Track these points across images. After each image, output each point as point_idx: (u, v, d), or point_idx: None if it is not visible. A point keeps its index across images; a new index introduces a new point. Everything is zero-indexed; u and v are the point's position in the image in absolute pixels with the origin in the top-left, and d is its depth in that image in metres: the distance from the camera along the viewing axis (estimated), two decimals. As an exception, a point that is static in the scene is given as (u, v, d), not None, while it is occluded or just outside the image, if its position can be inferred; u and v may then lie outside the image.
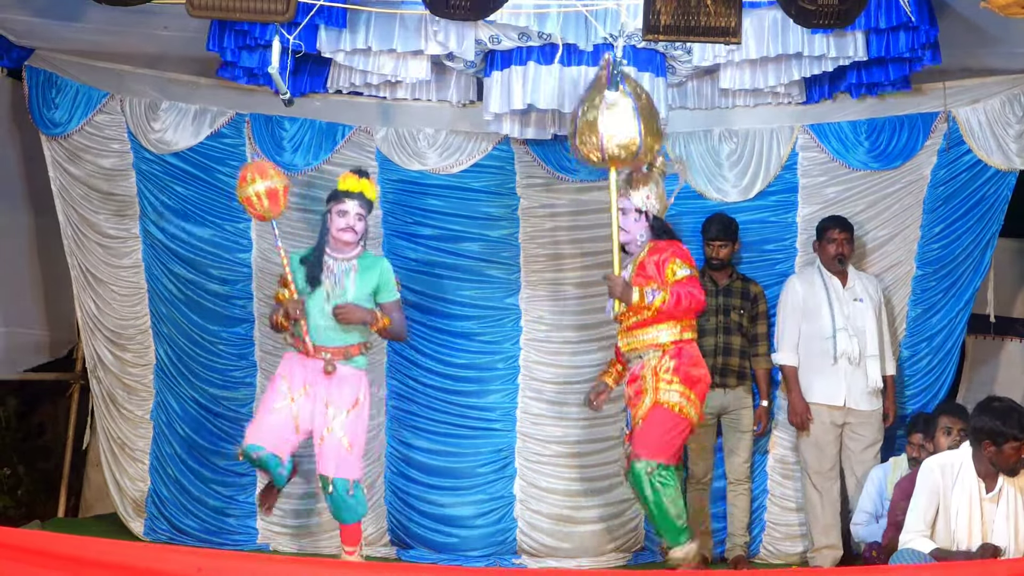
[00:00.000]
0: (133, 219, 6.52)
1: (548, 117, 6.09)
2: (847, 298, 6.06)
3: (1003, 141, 6.10)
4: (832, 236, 6.08)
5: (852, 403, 6.01)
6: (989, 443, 4.57)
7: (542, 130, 6.15)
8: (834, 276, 6.10)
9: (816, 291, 6.09)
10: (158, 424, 6.54)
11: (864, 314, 6.03)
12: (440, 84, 6.19)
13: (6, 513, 6.62)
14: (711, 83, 6.21)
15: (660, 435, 5.17)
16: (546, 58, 5.66)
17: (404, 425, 6.46)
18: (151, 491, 6.50)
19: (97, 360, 6.56)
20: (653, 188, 5.43)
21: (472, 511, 6.41)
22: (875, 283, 6.17)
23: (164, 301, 6.50)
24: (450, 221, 6.47)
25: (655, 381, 5.23)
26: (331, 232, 5.43)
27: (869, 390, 6.00)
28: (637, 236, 5.43)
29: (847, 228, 6.10)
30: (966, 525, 4.62)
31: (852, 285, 6.10)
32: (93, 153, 6.44)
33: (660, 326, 5.28)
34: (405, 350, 6.41)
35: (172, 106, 6.42)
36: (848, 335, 5.99)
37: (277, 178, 5.39)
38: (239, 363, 6.48)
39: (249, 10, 4.67)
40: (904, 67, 5.66)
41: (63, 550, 3.96)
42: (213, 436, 6.48)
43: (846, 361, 5.98)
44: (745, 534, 6.21)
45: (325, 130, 6.43)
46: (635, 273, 5.31)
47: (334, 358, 5.36)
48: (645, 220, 5.43)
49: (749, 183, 6.36)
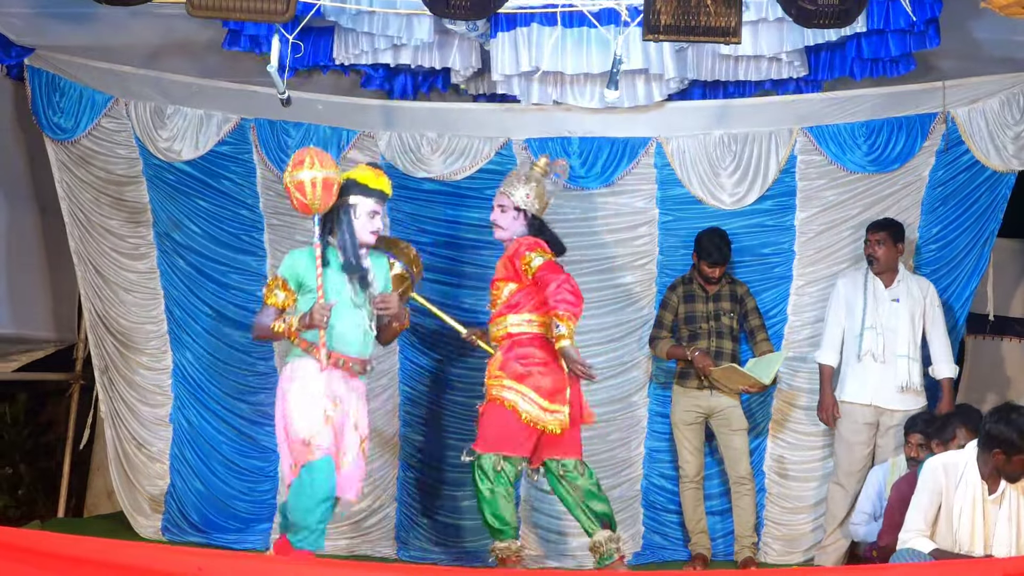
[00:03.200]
0: (147, 226, 6.55)
1: (551, 79, 6.02)
2: (885, 298, 6.02)
3: (1001, 143, 6.09)
4: (866, 238, 6.08)
5: (881, 402, 5.96)
6: (1001, 452, 4.55)
7: (544, 94, 6.10)
8: (878, 277, 6.07)
9: (856, 289, 6.07)
10: (179, 427, 6.58)
11: (898, 314, 5.97)
12: (443, 52, 6.01)
13: (6, 513, 6.64)
14: (712, 49, 5.97)
15: (489, 429, 5.22)
16: (548, 20, 5.65)
17: (414, 429, 6.48)
18: (170, 488, 6.55)
19: (108, 361, 6.58)
20: (534, 187, 5.45)
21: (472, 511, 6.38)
22: (924, 285, 6.08)
23: (181, 307, 6.54)
24: (454, 228, 6.47)
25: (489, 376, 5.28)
26: (356, 231, 4.97)
27: (899, 388, 5.94)
28: (513, 234, 5.41)
29: (882, 229, 6.04)
30: (968, 526, 4.61)
31: (895, 286, 6.05)
32: (101, 159, 6.46)
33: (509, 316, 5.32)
34: (416, 357, 6.43)
35: (177, 111, 6.42)
36: (876, 333, 5.96)
37: (334, 170, 4.91)
38: (257, 368, 6.51)
39: (249, 10, 4.70)
40: (905, 42, 5.59)
41: (63, 550, 3.95)
42: (233, 440, 6.52)
43: (871, 358, 5.96)
44: (752, 534, 6.20)
45: (329, 135, 6.43)
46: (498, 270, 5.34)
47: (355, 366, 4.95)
48: (524, 218, 5.42)
49: (748, 188, 6.34)
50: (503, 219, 5.44)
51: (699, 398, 6.17)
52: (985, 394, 6.95)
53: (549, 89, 6.08)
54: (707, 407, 6.18)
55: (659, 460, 6.47)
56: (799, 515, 6.35)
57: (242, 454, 6.56)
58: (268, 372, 6.45)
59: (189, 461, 6.55)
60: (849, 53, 5.87)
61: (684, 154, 6.35)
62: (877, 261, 6.03)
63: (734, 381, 6.06)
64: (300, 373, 4.83)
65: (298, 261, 4.92)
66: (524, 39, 5.69)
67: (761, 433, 6.39)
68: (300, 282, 4.89)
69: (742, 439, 6.20)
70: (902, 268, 6.10)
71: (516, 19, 5.69)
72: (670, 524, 6.42)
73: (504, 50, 5.75)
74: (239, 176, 6.48)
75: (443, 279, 6.42)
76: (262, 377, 6.48)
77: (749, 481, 6.20)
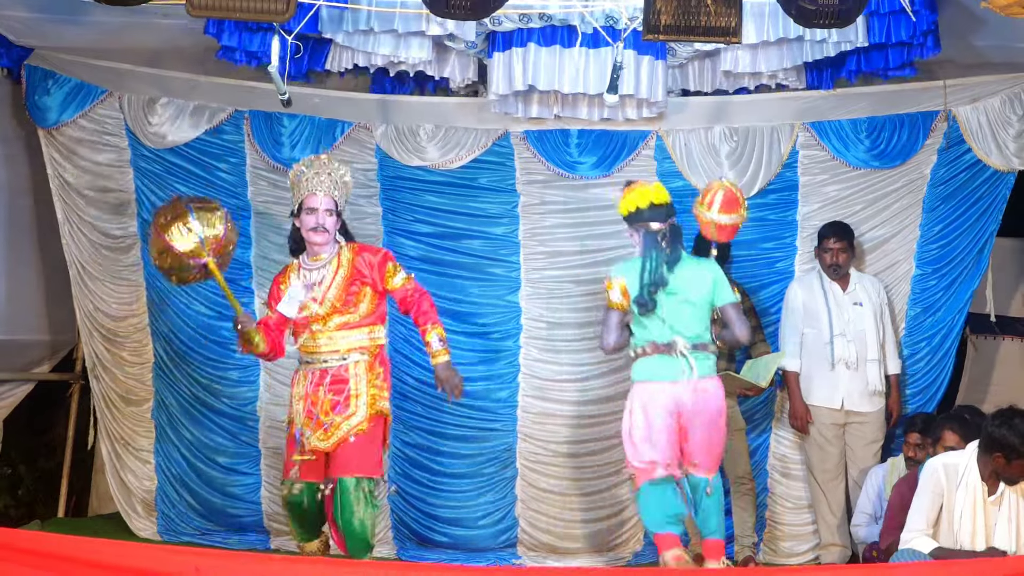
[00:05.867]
0: (131, 217, 6.53)
1: (550, 97, 6.08)
2: (847, 303, 6.04)
3: (1002, 142, 6.09)
4: (828, 245, 6.07)
5: (851, 405, 6.01)
6: (1001, 456, 4.55)
7: (545, 109, 6.15)
8: (834, 281, 6.09)
9: (815, 296, 6.08)
10: (159, 423, 6.55)
11: (863, 318, 6.01)
12: (440, 64, 6.07)
13: (6, 513, 6.63)
14: (712, 65, 6.15)
15: (376, 447, 5.04)
16: (546, 40, 5.68)
17: (405, 425, 6.46)
18: (159, 490, 6.53)
19: (96, 359, 6.57)
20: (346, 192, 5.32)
21: (473, 510, 6.42)
22: (877, 285, 6.15)
23: (162, 298, 6.49)
24: (450, 218, 6.47)
25: (368, 387, 5.05)
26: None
27: (869, 392, 5.99)
28: (335, 234, 5.23)
29: (844, 236, 6.07)
30: (969, 527, 4.61)
31: (853, 289, 6.08)
32: (88, 147, 6.45)
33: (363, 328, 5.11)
34: (406, 349, 6.40)
35: (170, 102, 6.43)
36: (846, 340, 5.98)
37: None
38: (240, 361, 6.45)
39: (249, 10, 4.69)
40: (903, 54, 5.62)
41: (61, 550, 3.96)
42: (215, 434, 6.49)
43: (843, 366, 5.98)
44: (752, 534, 6.19)
45: (324, 126, 6.43)
46: (349, 274, 5.10)
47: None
48: (338, 219, 5.24)
49: (749, 182, 6.34)
50: (329, 223, 5.13)
51: None
52: (985, 393, 6.96)
53: (547, 107, 6.14)
54: None
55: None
56: (802, 514, 6.34)
57: (222, 451, 6.52)
58: (251, 365, 6.42)
59: (171, 457, 6.51)
60: (849, 67, 5.90)
61: (685, 147, 6.36)
62: (839, 268, 6.04)
63: (730, 386, 6.05)
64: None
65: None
66: (520, 58, 5.71)
67: (764, 432, 6.39)
68: None
69: (741, 439, 6.18)
70: (853, 270, 6.12)
71: (512, 38, 5.71)
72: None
73: (500, 70, 5.77)
74: (229, 166, 6.45)
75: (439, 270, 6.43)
76: (245, 371, 6.47)
77: (748, 481, 6.19)
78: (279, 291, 5.16)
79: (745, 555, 6.13)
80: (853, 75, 5.96)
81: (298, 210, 5.13)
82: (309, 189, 5.10)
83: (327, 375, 5.01)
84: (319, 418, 4.97)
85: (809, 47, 5.67)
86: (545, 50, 5.70)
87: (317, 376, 5.03)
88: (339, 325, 5.05)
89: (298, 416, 5.05)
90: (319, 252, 5.13)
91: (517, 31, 5.69)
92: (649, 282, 4.98)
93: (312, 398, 5.00)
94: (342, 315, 5.05)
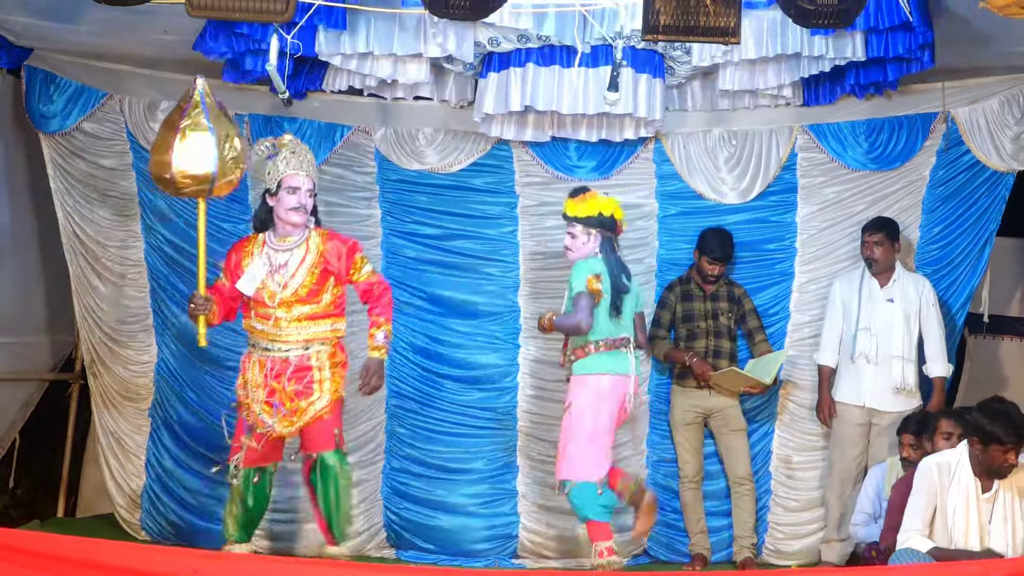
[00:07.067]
0: (134, 219, 6.53)
1: (547, 119, 6.11)
2: (880, 298, 6.02)
3: (1000, 143, 6.10)
4: (864, 238, 6.07)
5: (875, 403, 5.97)
6: (977, 441, 4.61)
7: (540, 132, 6.18)
8: (874, 277, 6.06)
9: (852, 290, 6.08)
10: (155, 420, 6.55)
11: (892, 315, 5.97)
12: (438, 85, 6.20)
13: (6, 513, 6.62)
14: (710, 84, 6.21)
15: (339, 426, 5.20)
16: (544, 60, 5.69)
17: (404, 424, 6.46)
18: (147, 486, 6.52)
19: (94, 355, 6.56)
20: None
21: (473, 511, 6.41)
22: (921, 285, 6.06)
23: (166, 300, 6.50)
24: (449, 220, 6.48)
25: (332, 374, 5.14)
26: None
27: (895, 390, 5.95)
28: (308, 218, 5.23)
29: (879, 230, 6.02)
30: (963, 525, 4.63)
31: (891, 286, 6.04)
32: (92, 152, 6.45)
33: (327, 320, 5.16)
34: (403, 348, 6.40)
35: (172, 106, 6.40)
36: (869, 335, 5.96)
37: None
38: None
39: (249, 10, 4.64)
40: (901, 68, 5.65)
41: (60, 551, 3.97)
42: (213, 434, 6.47)
43: (864, 360, 5.96)
44: (751, 535, 6.20)
45: (324, 130, 6.43)
46: (316, 261, 5.11)
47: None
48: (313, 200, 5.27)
49: (748, 185, 6.36)
50: (309, 204, 5.19)
51: (697, 398, 6.17)
52: (984, 393, 6.91)
53: (541, 130, 6.17)
54: (706, 407, 6.18)
55: (661, 460, 6.45)
56: (804, 513, 6.34)
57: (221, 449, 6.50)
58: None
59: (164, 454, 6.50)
60: (848, 80, 5.92)
61: (684, 151, 6.38)
62: (876, 262, 6.02)
63: (735, 383, 6.05)
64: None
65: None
66: (518, 79, 5.72)
67: (767, 433, 6.39)
68: None
69: (741, 439, 6.20)
70: (899, 267, 6.09)
71: (510, 59, 5.72)
72: (670, 523, 6.41)
73: (492, 91, 5.80)
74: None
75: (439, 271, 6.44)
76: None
77: (748, 481, 6.20)
78: (239, 266, 5.16)
79: (745, 556, 6.13)
80: (849, 88, 5.99)
81: (276, 188, 5.12)
82: (291, 168, 5.11)
83: (289, 365, 5.06)
84: (282, 407, 5.04)
85: (807, 63, 5.68)
86: (545, 70, 5.70)
87: (278, 366, 5.06)
88: (301, 316, 5.08)
89: (257, 404, 5.08)
90: (291, 233, 5.14)
91: (515, 52, 5.71)
92: (616, 285, 5.48)
93: (273, 387, 5.05)
94: (305, 304, 5.07)
